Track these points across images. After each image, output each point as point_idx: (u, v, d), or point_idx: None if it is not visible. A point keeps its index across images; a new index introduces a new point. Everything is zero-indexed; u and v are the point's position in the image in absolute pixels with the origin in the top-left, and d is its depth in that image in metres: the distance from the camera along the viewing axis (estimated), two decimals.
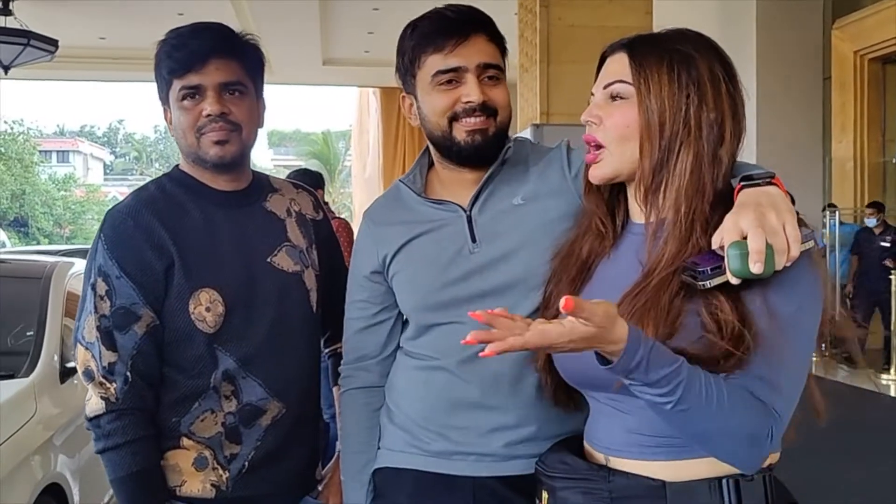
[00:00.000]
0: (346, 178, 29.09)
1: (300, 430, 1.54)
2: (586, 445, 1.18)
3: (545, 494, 1.13)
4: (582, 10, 8.42)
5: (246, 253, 1.47)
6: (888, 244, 8.10)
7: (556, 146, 1.46)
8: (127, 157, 43.67)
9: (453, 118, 1.33)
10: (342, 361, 1.53)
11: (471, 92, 1.31)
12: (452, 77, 1.32)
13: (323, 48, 13.23)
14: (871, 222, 8.69)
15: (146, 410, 1.37)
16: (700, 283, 1.01)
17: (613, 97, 1.20)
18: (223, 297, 1.41)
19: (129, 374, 1.34)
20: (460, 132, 1.33)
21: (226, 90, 1.44)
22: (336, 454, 1.58)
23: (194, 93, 1.43)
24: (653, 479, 1.06)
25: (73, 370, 3.08)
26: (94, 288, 1.36)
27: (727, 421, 1.00)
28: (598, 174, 1.20)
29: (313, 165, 22.02)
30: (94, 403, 1.36)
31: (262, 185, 1.55)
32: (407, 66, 1.41)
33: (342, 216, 4.77)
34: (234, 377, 1.41)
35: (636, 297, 1.05)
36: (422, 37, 1.38)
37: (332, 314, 1.60)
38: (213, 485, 1.41)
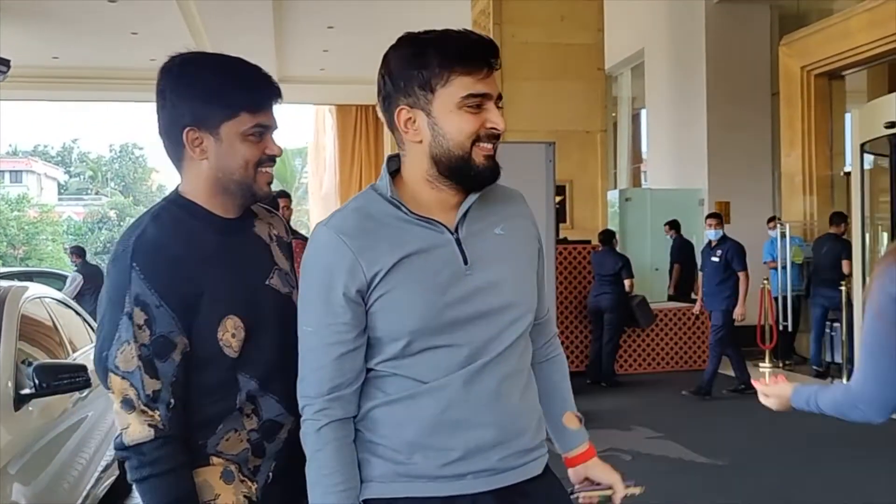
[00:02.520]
0: (303, 195, 29.00)
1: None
2: None
3: None
4: (535, 27, 8.55)
5: (251, 277, 1.52)
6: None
7: (514, 192, 1.51)
8: (81, 177, 42.88)
9: (476, 141, 1.36)
10: (308, 395, 1.38)
11: (497, 120, 1.36)
12: (481, 102, 1.35)
13: (278, 66, 13.20)
14: (773, 232, 8.94)
15: (183, 436, 1.41)
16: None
17: None
18: (244, 324, 1.45)
19: (172, 400, 1.38)
20: (479, 156, 1.36)
21: None
22: None
23: (262, 132, 1.48)
24: None
25: (28, 396, 3.03)
26: (130, 317, 1.36)
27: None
28: None
29: None
30: (137, 431, 1.36)
31: (247, 211, 1.57)
32: (425, 79, 1.34)
33: (300, 233, 4.75)
34: (255, 397, 1.47)
35: None
36: (454, 55, 1.34)
37: None
38: (245, 496, 1.46)
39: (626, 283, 7.58)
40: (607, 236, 7.82)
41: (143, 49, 12.31)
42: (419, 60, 1.34)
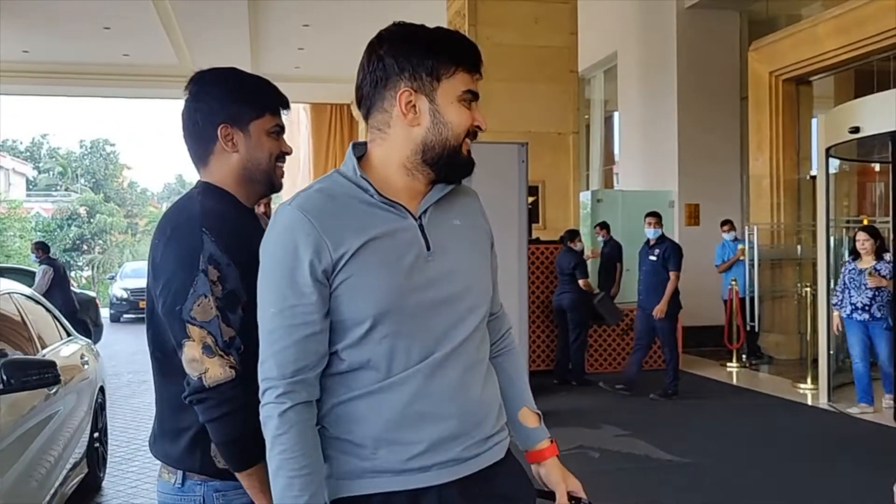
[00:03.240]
0: (276, 195, 28.70)
1: None
2: None
3: None
4: (509, 29, 8.62)
5: None
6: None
7: (469, 189, 1.56)
8: (51, 173, 42.09)
9: (466, 135, 1.43)
10: (270, 377, 1.36)
11: (483, 119, 1.45)
12: (472, 99, 1.43)
13: (253, 63, 13.11)
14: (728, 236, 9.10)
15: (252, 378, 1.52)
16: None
17: None
18: None
19: (242, 346, 1.53)
20: (465, 149, 1.43)
21: None
22: None
23: (279, 132, 1.76)
24: None
25: None
26: (206, 274, 1.53)
27: None
28: None
29: None
30: (219, 373, 1.50)
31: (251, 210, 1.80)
32: (434, 68, 1.38)
33: None
34: None
35: None
36: (461, 51, 1.42)
37: None
38: None
39: (580, 282, 7.63)
40: (567, 235, 7.90)
41: (115, 44, 12.21)
42: (432, 49, 1.39)
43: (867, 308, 6.20)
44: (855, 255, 6.38)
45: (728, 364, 8.80)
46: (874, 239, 6.27)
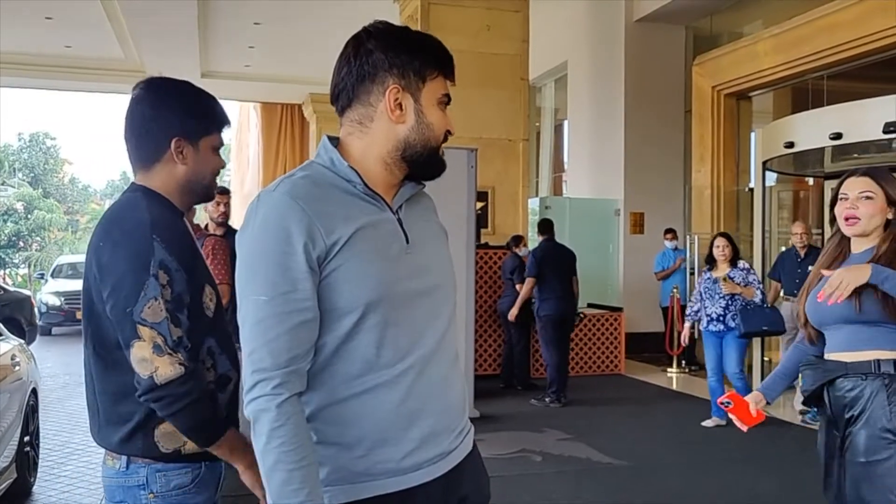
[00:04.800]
0: None
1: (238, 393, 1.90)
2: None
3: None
4: (461, 36, 8.66)
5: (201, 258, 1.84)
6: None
7: (424, 191, 1.57)
8: None
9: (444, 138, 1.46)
10: (263, 368, 1.31)
11: (453, 124, 1.49)
12: (447, 104, 1.48)
13: (202, 60, 12.91)
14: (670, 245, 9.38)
15: (198, 374, 1.68)
16: None
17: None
18: (214, 292, 1.79)
19: (188, 344, 1.64)
20: (440, 150, 1.46)
21: None
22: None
23: (220, 148, 1.85)
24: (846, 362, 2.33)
25: None
26: (157, 278, 1.62)
27: None
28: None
29: None
30: (168, 371, 1.59)
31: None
32: (420, 68, 1.41)
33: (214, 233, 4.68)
34: (214, 353, 1.75)
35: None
36: (443, 56, 1.45)
37: None
38: None
39: (517, 286, 7.54)
40: (512, 241, 7.97)
41: (58, 35, 11.87)
42: (420, 49, 1.42)
43: (721, 318, 6.04)
44: (711, 263, 6.26)
45: (668, 370, 9.01)
46: (732, 246, 6.14)
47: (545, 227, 7.43)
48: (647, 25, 10.36)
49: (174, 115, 1.76)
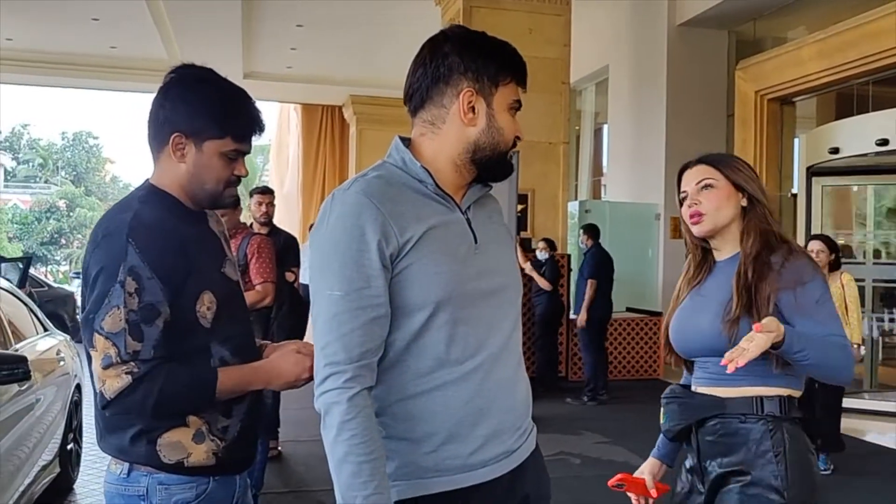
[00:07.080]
0: None
1: (263, 403, 1.84)
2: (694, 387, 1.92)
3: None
4: (503, 39, 8.67)
5: (214, 262, 1.71)
6: None
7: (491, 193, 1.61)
8: (31, 164, 41.61)
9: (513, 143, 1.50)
10: (337, 361, 1.33)
11: (521, 130, 1.50)
12: (518, 110, 1.49)
13: (245, 61, 13.08)
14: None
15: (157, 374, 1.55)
16: None
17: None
18: (217, 299, 1.64)
19: (152, 353, 1.52)
20: (509, 154, 1.49)
21: None
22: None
23: (237, 156, 1.67)
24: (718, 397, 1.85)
25: None
26: (123, 286, 1.51)
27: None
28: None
29: None
30: (115, 384, 1.50)
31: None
32: (494, 74, 1.44)
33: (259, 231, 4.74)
34: (227, 363, 1.64)
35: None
36: (517, 63, 1.48)
37: None
38: (213, 453, 1.62)
39: (543, 283, 7.82)
40: (544, 244, 8.06)
41: (103, 36, 12.12)
42: (495, 55, 1.45)
43: None
44: None
45: None
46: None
47: (596, 232, 7.55)
48: (690, 30, 10.28)
49: (183, 108, 1.62)
